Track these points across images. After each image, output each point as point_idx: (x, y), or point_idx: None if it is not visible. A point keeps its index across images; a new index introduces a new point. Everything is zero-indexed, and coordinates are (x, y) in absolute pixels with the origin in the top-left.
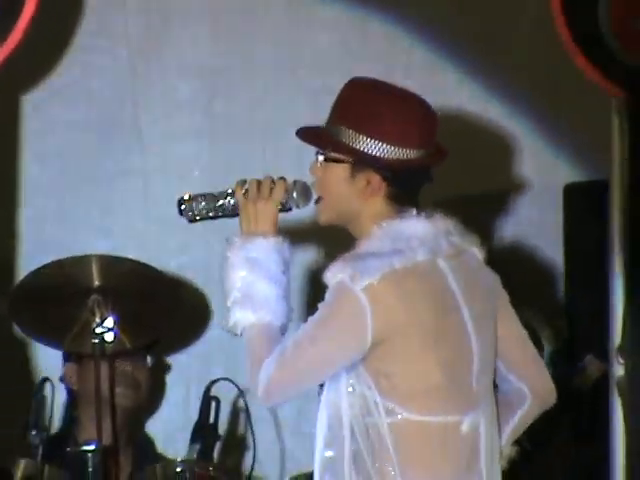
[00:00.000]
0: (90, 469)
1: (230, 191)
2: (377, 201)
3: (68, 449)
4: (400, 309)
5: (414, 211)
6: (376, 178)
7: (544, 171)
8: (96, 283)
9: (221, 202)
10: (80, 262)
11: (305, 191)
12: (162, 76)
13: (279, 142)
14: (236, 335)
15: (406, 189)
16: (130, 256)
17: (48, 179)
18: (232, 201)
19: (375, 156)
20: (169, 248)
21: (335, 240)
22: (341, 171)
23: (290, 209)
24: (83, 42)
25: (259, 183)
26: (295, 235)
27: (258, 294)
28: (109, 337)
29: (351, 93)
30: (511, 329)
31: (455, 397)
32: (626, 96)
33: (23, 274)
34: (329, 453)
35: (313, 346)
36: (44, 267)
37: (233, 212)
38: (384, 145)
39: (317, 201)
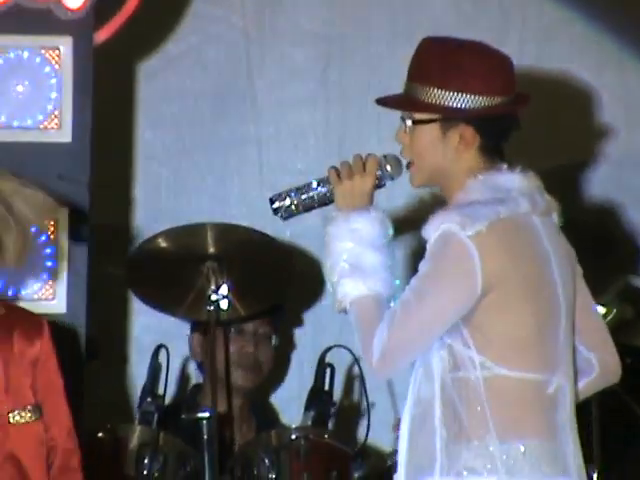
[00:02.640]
0: (205, 436)
1: (317, 181)
2: (469, 155)
3: (183, 416)
4: (506, 259)
5: (505, 165)
6: (469, 131)
7: None
8: (211, 250)
9: (312, 193)
10: (195, 230)
11: (397, 162)
12: (277, 44)
13: (394, 110)
14: (344, 311)
15: (497, 138)
16: (244, 224)
17: (163, 147)
18: (324, 189)
19: (464, 109)
20: None
21: None
22: (431, 131)
23: (384, 185)
24: (199, 10)
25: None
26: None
27: (367, 264)
28: (224, 304)
29: (426, 51)
30: (585, 300)
31: (545, 355)
32: None
33: (138, 241)
34: (419, 409)
35: (422, 302)
36: (159, 234)
37: (326, 200)
38: (470, 96)
39: (408, 166)
